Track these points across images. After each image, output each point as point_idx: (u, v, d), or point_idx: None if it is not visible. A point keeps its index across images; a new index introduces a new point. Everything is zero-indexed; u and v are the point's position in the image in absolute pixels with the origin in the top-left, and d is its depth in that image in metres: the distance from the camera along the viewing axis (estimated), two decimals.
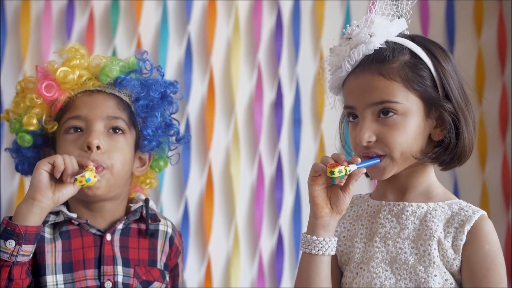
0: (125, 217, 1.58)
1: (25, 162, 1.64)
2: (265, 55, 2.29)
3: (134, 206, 1.61)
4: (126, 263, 1.55)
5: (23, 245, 1.41)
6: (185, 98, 2.21)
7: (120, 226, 1.57)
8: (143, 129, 1.62)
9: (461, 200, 1.42)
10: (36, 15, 2.18)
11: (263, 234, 2.23)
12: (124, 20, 2.23)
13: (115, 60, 1.64)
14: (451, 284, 1.37)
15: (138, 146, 1.63)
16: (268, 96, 2.28)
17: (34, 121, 1.58)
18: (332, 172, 1.34)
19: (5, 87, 2.11)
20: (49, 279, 1.50)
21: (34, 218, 1.42)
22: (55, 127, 1.58)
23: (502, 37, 2.33)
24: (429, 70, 1.39)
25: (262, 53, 2.28)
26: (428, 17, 2.34)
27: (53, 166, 1.45)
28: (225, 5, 2.28)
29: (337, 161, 1.36)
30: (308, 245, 1.39)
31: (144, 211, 1.61)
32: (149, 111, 1.62)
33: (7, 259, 1.40)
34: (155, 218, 1.63)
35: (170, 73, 2.23)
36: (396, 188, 1.45)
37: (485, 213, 1.39)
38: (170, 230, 1.64)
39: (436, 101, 1.38)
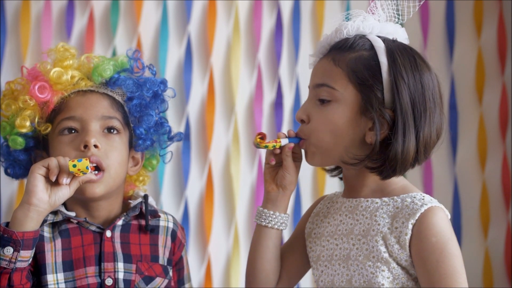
0: (124, 214, 1.58)
1: (16, 166, 1.63)
2: (265, 55, 2.29)
3: (133, 202, 1.61)
4: (127, 259, 1.54)
5: (21, 251, 1.40)
6: (185, 98, 2.21)
7: (120, 222, 1.57)
8: (136, 128, 1.62)
9: (418, 193, 1.39)
10: (36, 15, 2.18)
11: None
12: (124, 20, 2.23)
13: (106, 59, 1.63)
14: (402, 278, 1.36)
15: (131, 146, 1.63)
16: (268, 96, 2.28)
17: (27, 123, 1.56)
18: (257, 144, 1.47)
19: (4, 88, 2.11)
20: (50, 278, 1.49)
21: (31, 223, 1.41)
22: (49, 129, 1.57)
23: (502, 37, 2.33)
24: (381, 71, 1.38)
25: (262, 53, 2.29)
26: (428, 17, 2.34)
27: (48, 169, 1.44)
28: (225, 5, 2.28)
29: (278, 136, 1.47)
30: (257, 216, 1.52)
31: (144, 207, 1.61)
32: (144, 110, 1.62)
33: (6, 266, 1.39)
34: (155, 214, 1.63)
35: (170, 73, 2.23)
36: (352, 185, 1.46)
37: (436, 204, 1.36)
38: (171, 225, 1.64)
39: (373, 102, 1.37)
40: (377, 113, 1.36)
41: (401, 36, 1.46)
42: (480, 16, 2.34)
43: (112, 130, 1.57)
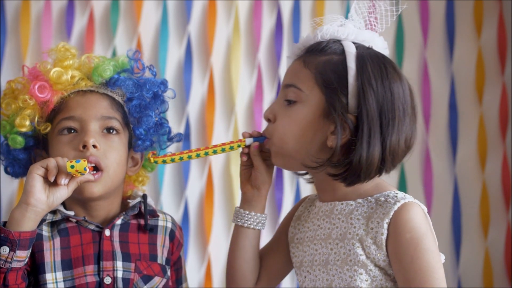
0: (123, 213, 1.58)
1: (16, 164, 1.63)
2: (265, 55, 2.29)
3: (132, 202, 1.61)
4: (126, 258, 1.54)
5: (17, 251, 1.39)
6: (185, 98, 2.21)
7: (118, 221, 1.57)
8: (136, 128, 1.62)
9: (391, 191, 1.38)
10: (36, 15, 2.18)
11: (263, 234, 2.22)
12: (124, 20, 2.23)
13: (106, 59, 1.63)
14: (381, 280, 1.35)
15: (130, 146, 1.63)
16: (268, 96, 2.28)
17: (27, 122, 1.56)
18: (164, 161, 1.50)
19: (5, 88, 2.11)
20: (49, 276, 1.49)
21: (28, 223, 1.41)
22: (48, 128, 1.57)
23: (502, 37, 2.33)
24: (348, 76, 1.37)
25: (262, 53, 2.29)
26: (428, 17, 2.34)
27: (47, 169, 1.44)
28: (225, 5, 2.28)
29: (243, 135, 1.50)
30: (234, 216, 1.55)
31: (143, 207, 1.61)
32: (143, 110, 1.62)
33: (1, 266, 1.39)
34: (154, 214, 1.63)
35: (170, 73, 2.23)
36: (324, 189, 1.45)
37: (409, 200, 1.35)
38: (170, 225, 1.64)
39: (336, 105, 1.36)
40: (339, 117, 1.35)
41: (378, 44, 1.45)
42: (480, 16, 2.34)
43: (111, 131, 1.57)
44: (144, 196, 1.63)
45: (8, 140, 1.60)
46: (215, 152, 1.50)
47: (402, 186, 2.28)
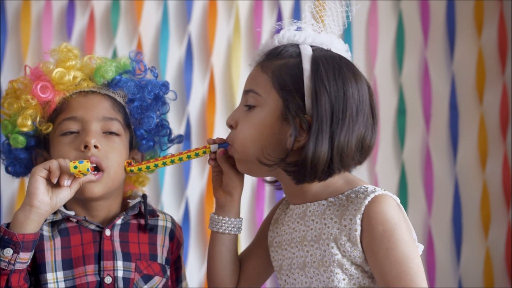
0: (124, 212, 1.59)
1: (17, 164, 1.63)
2: None
3: (132, 202, 1.61)
4: (127, 258, 1.55)
5: (20, 253, 1.40)
6: (185, 98, 2.22)
7: (119, 221, 1.57)
8: (137, 129, 1.63)
9: (361, 186, 1.37)
10: (37, 15, 2.18)
11: None
12: (124, 20, 2.23)
13: (108, 60, 1.64)
14: (358, 278, 1.34)
15: (131, 147, 1.63)
16: None
17: (29, 122, 1.56)
18: (139, 169, 1.54)
19: (5, 87, 2.11)
20: (49, 276, 1.50)
21: (32, 225, 1.42)
22: (50, 128, 1.57)
23: (503, 37, 2.33)
24: (303, 78, 1.37)
25: None
26: (428, 17, 2.34)
27: (49, 171, 1.44)
28: (225, 5, 2.28)
29: (208, 142, 1.51)
30: (209, 222, 1.57)
31: (143, 207, 1.62)
32: (144, 112, 1.62)
33: (4, 268, 1.39)
34: (154, 214, 1.63)
35: (171, 73, 2.23)
36: (293, 192, 1.44)
37: (380, 193, 1.33)
38: (169, 224, 1.65)
39: (291, 107, 1.36)
40: (294, 118, 1.35)
41: (338, 47, 1.44)
42: (481, 16, 2.34)
43: (112, 132, 1.57)
44: (144, 196, 1.64)
45: (9, 140, 1.60)
46: (181, 159, 1.51)
47: (402, 186, 2.28)
